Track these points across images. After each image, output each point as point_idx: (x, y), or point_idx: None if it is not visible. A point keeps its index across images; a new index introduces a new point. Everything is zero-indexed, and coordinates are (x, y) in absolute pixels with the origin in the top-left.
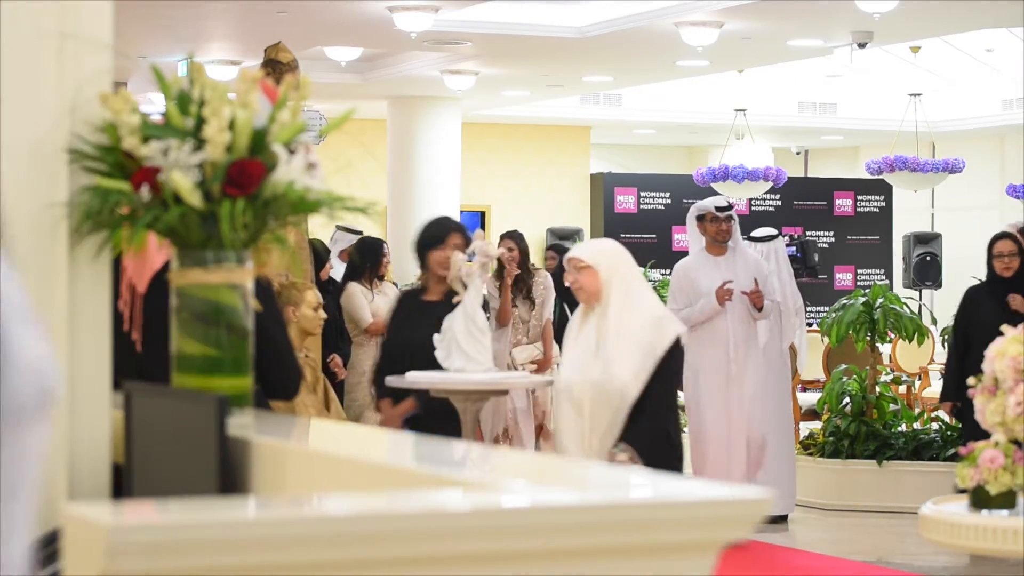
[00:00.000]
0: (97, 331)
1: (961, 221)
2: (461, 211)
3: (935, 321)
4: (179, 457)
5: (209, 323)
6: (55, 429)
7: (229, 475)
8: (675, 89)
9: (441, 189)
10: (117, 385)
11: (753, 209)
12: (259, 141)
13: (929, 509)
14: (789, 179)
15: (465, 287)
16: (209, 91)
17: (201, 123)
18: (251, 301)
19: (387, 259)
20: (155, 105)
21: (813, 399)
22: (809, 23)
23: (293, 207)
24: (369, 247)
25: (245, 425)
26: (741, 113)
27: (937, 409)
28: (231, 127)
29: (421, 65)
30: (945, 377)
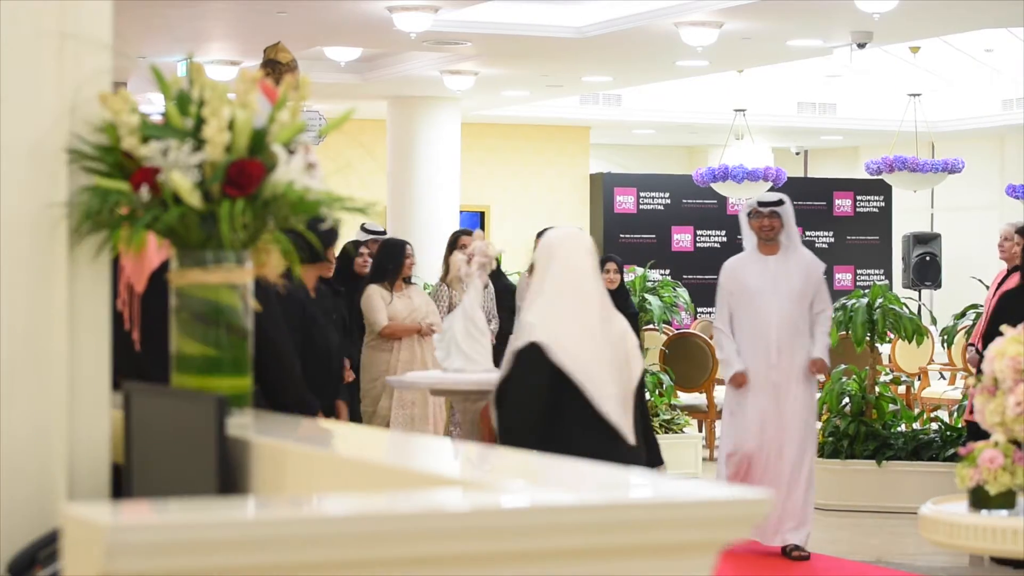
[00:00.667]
0: (97, 331)
1: (961, 221)
2: (460, 211)
3: (934, 321)
4: (178, 457)
5: (208, 323)
6: (55, 429)
7: (228, 475)
8: (675, 89)
9: (441, 189)
10: (116, 385)
11: None
12: (258, 141)
13: (928, 509)
14: (789, 179)
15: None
16: (208, 91)
17: (200, 123)
18: (251, 301)
19: (410, 260)
20: (155, 105)
21: None
22: (809, 23)
23: (293, 207)
24: (391, 248)
25: (244, 425)
26: (741, 113)
27: (936, 409)
28: (230, 127)
29: (421, 65)
30: None
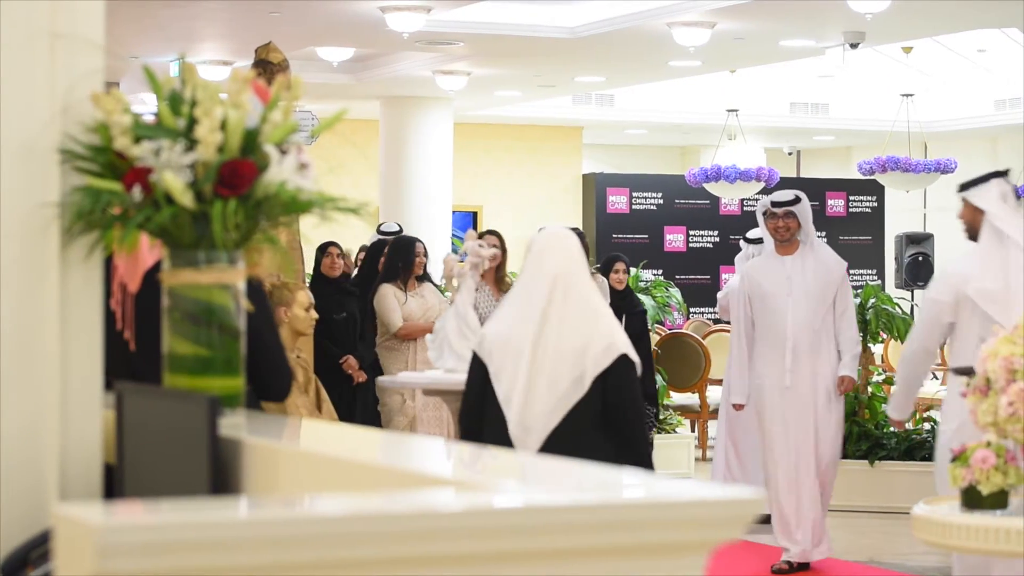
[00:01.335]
0: (89, 332)
1: (953, 221)
2: (453, 211)
3: None
4: (170, 457)
5: (200, 323)
6: (46, 429)
7: (220, 475)
8: (667, 89)
9: (433, 189)
10: (108, 385)
11: (745, 209)
12: (251, 141)
13: (921, 509)
14: (781, 179)
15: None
16: (201, 91)
17: (193, 123)
18: (243, 301)
19: (420, 259)
20: (147, 105)
21: None
22: (801, 23)
23: (285, 207)
24: (400, 246)
25: (237, 425)
26: (733, 113)
27: (929, 409)
28: (223, 127)
29: (413, 65)
30: None
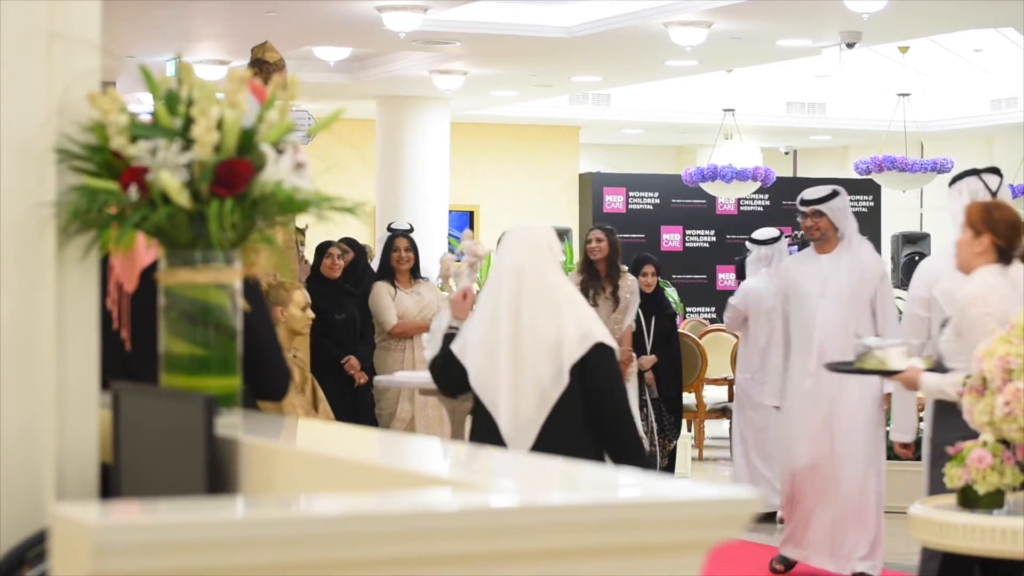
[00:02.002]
0: (85, 331)
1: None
2: (450, 211)
3: None
4: (167, 457)
5: (197, 323)
6: (43, 429)
7: (217, 475)
8: (664, 89)
9: (430, 189)
10: (105, 384)
11: (742, 209)
12: (247, 141)
13: (917, 509)
14: (778, 179)
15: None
16: (197, 91)
17: (189, 123)
18: (239, 301)
19: (398, 254)
20: (143, 105)
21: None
22: (798, 23)
23: (281, 207)
24: (386, 243)
25: (233, 425)
26: (730, 113)
27: (922, 410)
28: (219, 127)
29: (410, 65)
30: None
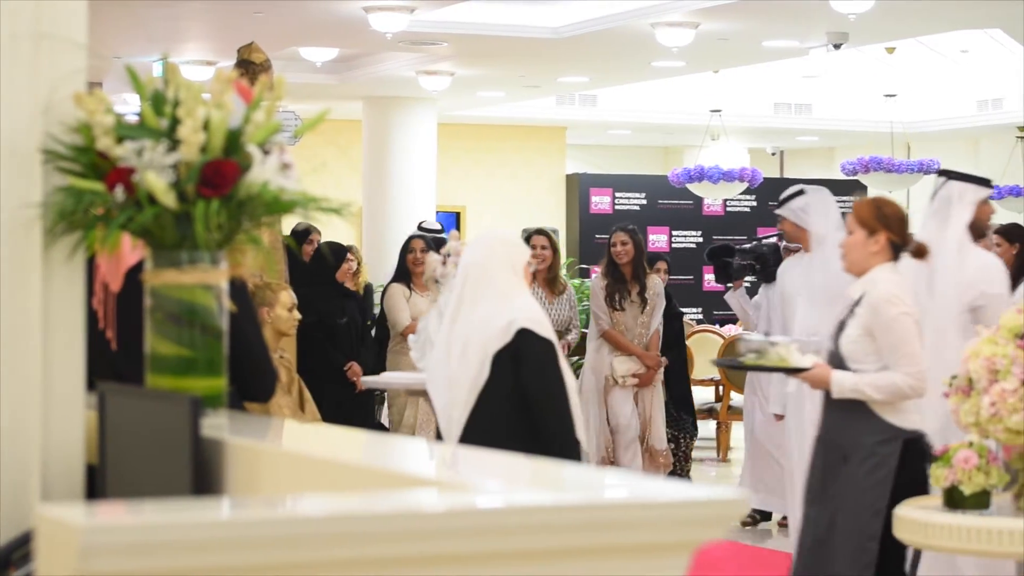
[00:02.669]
0: (71, 332)
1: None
2: (436, 212)
3: None
4: (153, 458)
5: (183, 324)
6: (29, 430)
7: (203, 476)
8: (651, 90)
9: (416, 190)
10: (91, 385)
11: (728, 210)
12: (233, 142)
13: (903, 510)
14: (764, 180)
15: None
16: (184, 91)
17: (175, 123)
18: (225, 302)
19: (412, 255)
20: (130, 105)
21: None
22: (784, 24)
23: (267, 208)
24: (403, 245)
25: (219, 426)
26: (716, 114)
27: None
28: (205, 128)
29: (396, 66)
30: None
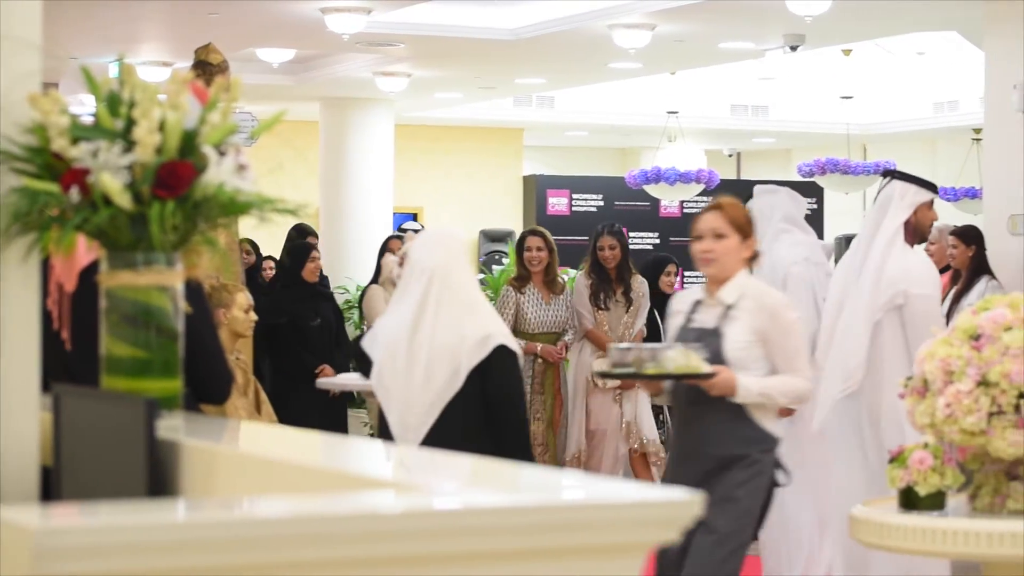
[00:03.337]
0: (26, 334)
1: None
2: (394, 213)
3: None
4: (108, 460)
5: (138, 325)
6: None
7: (158, 478)
8: (608, 91)
9: (374, 191)
10: (46, 386)
11: (685, 212)
12: (189, 143)
13: (859, 511)
14: (721, 181)
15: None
16: (139, 92)
17: (131, 124)
18: (181, 303)
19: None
20: (85, 106)
21: None
22: (741, 26)
23: (223, 209)
24: (381, 247)
25: (174, 428)
26: (673, 115)
27: None
28: (161, 129)
29: (354, 67)
30: None
